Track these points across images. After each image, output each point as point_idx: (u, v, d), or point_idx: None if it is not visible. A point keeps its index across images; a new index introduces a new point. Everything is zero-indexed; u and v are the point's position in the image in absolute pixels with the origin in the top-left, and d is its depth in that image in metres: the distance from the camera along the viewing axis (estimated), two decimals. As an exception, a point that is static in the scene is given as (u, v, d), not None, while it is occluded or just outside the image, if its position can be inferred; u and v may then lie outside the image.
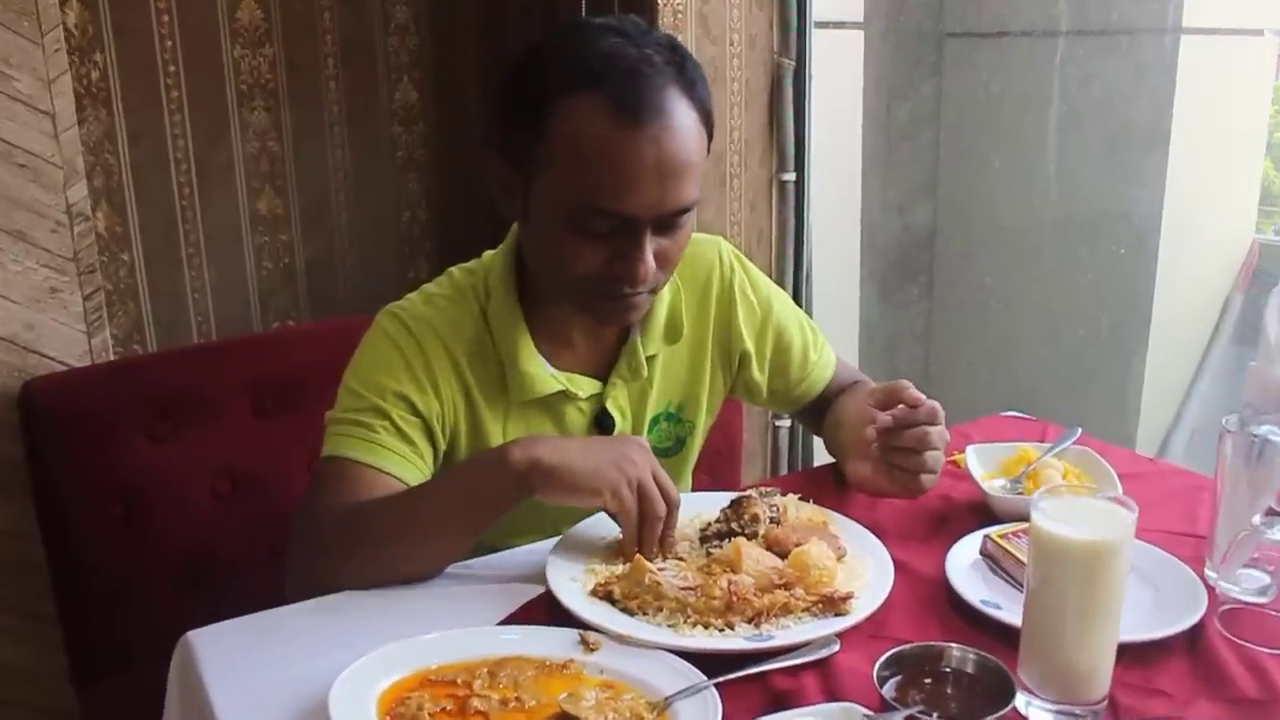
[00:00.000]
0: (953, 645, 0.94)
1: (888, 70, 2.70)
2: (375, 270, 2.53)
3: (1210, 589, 1.10)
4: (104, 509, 1.71)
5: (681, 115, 1.16)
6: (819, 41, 2.31)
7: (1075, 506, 0.91)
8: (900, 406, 1.29)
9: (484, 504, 1.14)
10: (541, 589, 1.11)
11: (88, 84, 2.10)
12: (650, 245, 1.18)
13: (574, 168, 1.16)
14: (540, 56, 1.21)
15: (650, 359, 1.36)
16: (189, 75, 2.23)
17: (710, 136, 1.23)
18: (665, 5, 2.15)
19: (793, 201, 2.40)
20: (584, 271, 1.20)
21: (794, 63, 2.30)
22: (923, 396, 1.29)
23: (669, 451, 1.44)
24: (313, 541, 1.19)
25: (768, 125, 2.35)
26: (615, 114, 1.14)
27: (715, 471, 2.03)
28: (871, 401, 1.31)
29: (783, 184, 2.39)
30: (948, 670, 0.93)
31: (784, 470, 2.58)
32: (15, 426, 1.72)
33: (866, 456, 1.30)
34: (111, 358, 1.91)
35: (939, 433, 1.27)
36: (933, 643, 0.95)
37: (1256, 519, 1.05)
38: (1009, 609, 1.04)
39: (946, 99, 2.69)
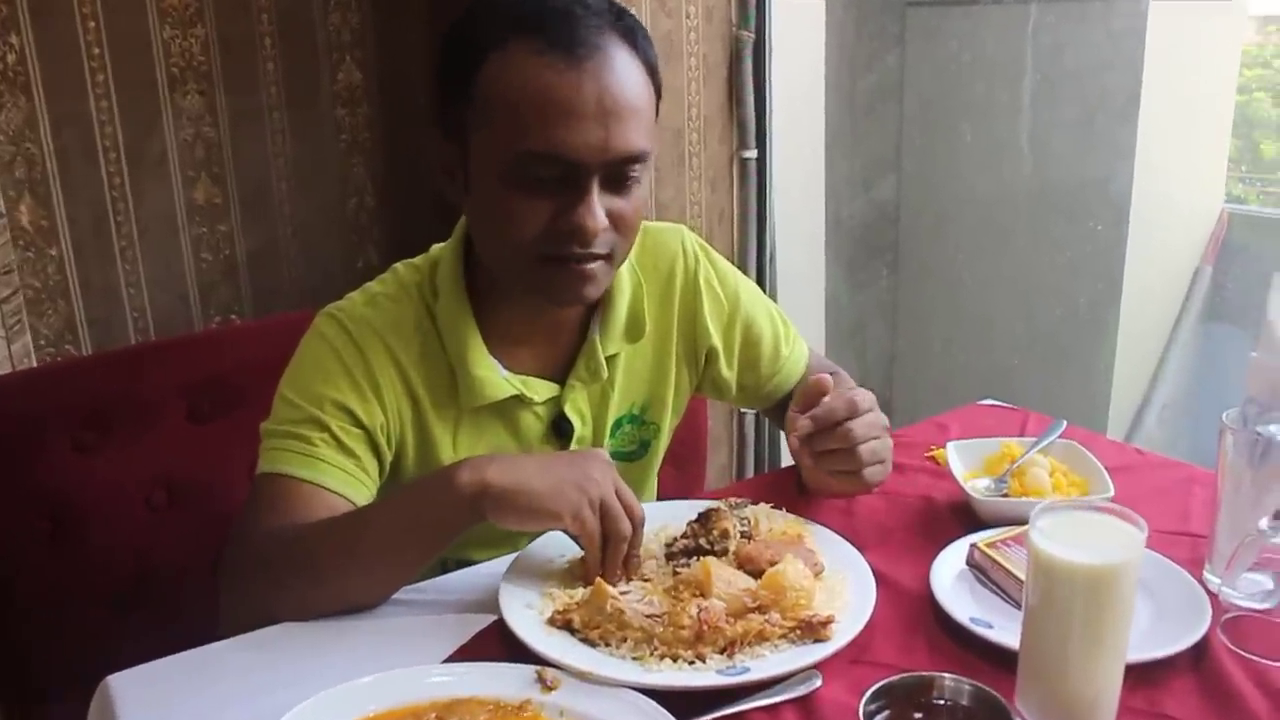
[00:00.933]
0: (945, 675, 0.86)
1: (850, 40, 2.61)
2: (321, 260, 2.42)
3: (1212, 595, 1.03)
4: (29, 525, 1.59)
5: (621, 58, 1.09)
6: (779, 12, 2.22)
7: (1077, 524, 0.83)
8: (823, 404, 1.18)
9: (430, 531, 1.05)
10: (495, 616, 1.02)
11: (4, 68, 1.98)
12: (599, 199, 1.09)
13: (508, 117, 1.07)
14: (469, 17, 1.13)
15: (611, 359, 1.27)
16: (115, 58, 2.10)
17: (658, 94, 1.15)
18: (618, -24, 2.04)
19: (754, 179, 2.32)
20: (530, 234, 1.10)
21: (753, 35, 2.21)
22: (829, 385, 1.18)
23: (632, 456, 1.35)
24: (248, 569, 1.10)
25: (727, 101, 2.27)
26: (547, 53, 1.06)
27: (680, 462, 1.95)
28: (796, 405, 1.21)
29: (744, 161, 2.31)
30: (940, 702, 0.85)
31: (751, 458, 2.50)
32: (-68, 440, 1.61)
33: (806, 464, 1.21)
34: (34, 363, 1.79)
35: (864, 424, 1.16)
36: (922, 673, 0.87)
37: (1263, 522, 0.98)
38: (1001, 627, 0.97)
39: (912, 69, 2.61)
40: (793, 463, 1.26)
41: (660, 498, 1.44)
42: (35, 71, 2.02)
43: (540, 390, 1.24)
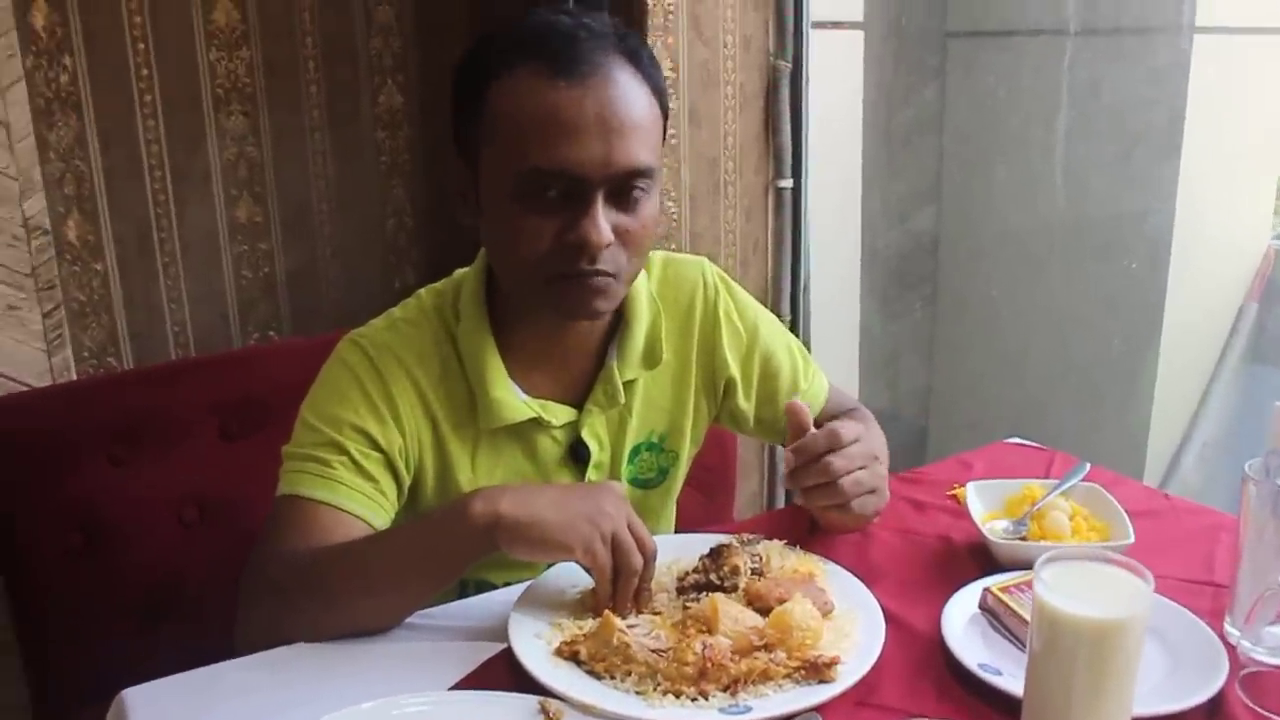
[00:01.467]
0: (947, 722, 0.85)
1: (889, 72, 2.60)
2: (360, 280, 2.45)
3: (1231, 648, 1.01)
4: (62, 537, 1.62)
5: (622, 75, 1.12)
6: (817, 42, 2.22)
7: (1083, 575, 0.82)
8: (804, 438, 1.16)
9: (443, 560, 1.06)
10: (504, 644, 1.02)
11: (57, 88, 2.02)
12: (604, 214, 1.11)
13: (513, 135, 1.10)
14: (478, 44, 1.16)
15: (629, 385, 1.28)
16: (163, 79, 2.14)
17: (665, 114, 1.17)
18: (655, 5, 2.06)
19: (790, 209, 2.31)
20: (538, 250, 1.12)
21: (790, 65, 2.21)
22: (807, 417, 1.16)
23: (651, 483, 1.35)
24: (264, 589, 1.11)
25: (763, 130, 2.26)
26: (550, 75, 1.09)
27: (710, 490, 1.94)
28: (787, 440, 1.19)
29: (779, 191, 2.31)
30: (942, 749, 0.85)
31: (781, 488, 2.49)
32: (-29, 450, 1.64)
33: (799, 501, 1.20)
34: (74, 376, 1.83)
35: (846, 456, 1.14)
36: (927, 718, 0.87)
37: (1283, 575, 0.96)
38: (1010, 674, 0.95)
39: (950, 102, 2.60)
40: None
41: (687, 526, 1.44)
42: (86, 91, 2.06)
43: (558, 414, 1.25)
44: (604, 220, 1.10)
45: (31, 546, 1.62)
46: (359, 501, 1.15)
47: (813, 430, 1.16)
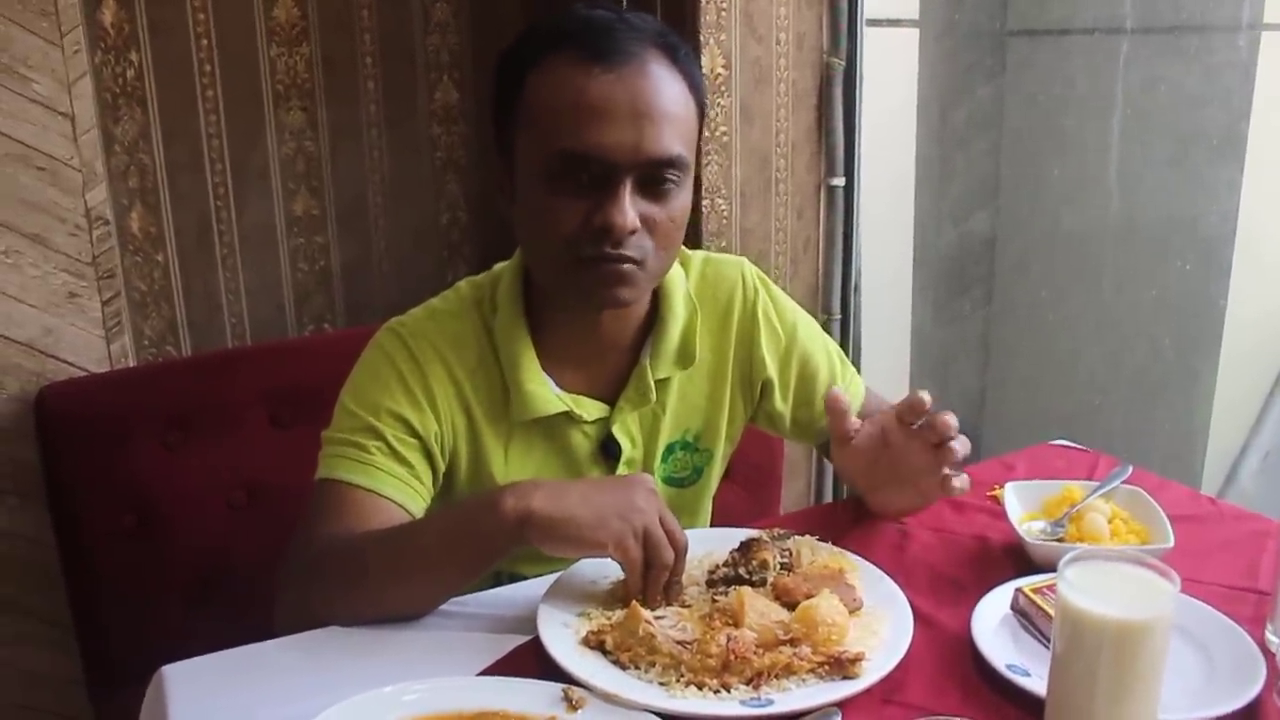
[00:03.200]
0: (970, 721, 0.84)
1: (944, 70, 2.57)
2: (413, 274, 2.48)
3: (1270, 655, 0.99)
4: (116, 518, 1.68)
5: (658, 66, 1.13)
6: (871, 40, 2.20)
7: (1108, 575, 0.81)
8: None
9: (474, 553, 1.07)
10: (534, 634, 1.03)
11: (123, 83, 2.07)
12: (633, 201, 1.12)
13: (546, 119, 1.12)
14: (520, 37, 1.19)
15: (662, 383, 1.28)
16: (225, 74, 2.19)
17: (701, 111, 1.18)
18: (709, 3, 2.06)
19: (841, 207, 2.30)
20: (565, 233, 1.13)
21: (844, 63, 2.20)
22: (848, 409, 1.22)
23: (685, 482, 1.35)
24: (300, 572, 1.14)
25: (816, 128, 2.25)
26: (584, 61, 1.11)
27: (753, 486, 1.94)
28: (832, 431, 1.23)
29: (831, 189, 2.29)
30: (963, 748, 0.84)
31: (829, 486, 2.48)
32: (33, 432, 1.70)
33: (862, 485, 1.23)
34: (132, 363, 1.87)
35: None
36: (952, 717, 0.86)
37: (1323, 584, 0.94)
38: (1038, 675, 0.94)
39: (1006, 102, 2.56)
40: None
41: (730, 523, 1.44)
42: (151, 86, 2.11)
43: (590, 409, 1.26)
44: (630, 206, 1.11)
45: (87, 527, 1.67)
46: (395, 487, 1.17)
47: (855, 419, 1.18)
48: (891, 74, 2.37)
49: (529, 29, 1.18)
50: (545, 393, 1.23)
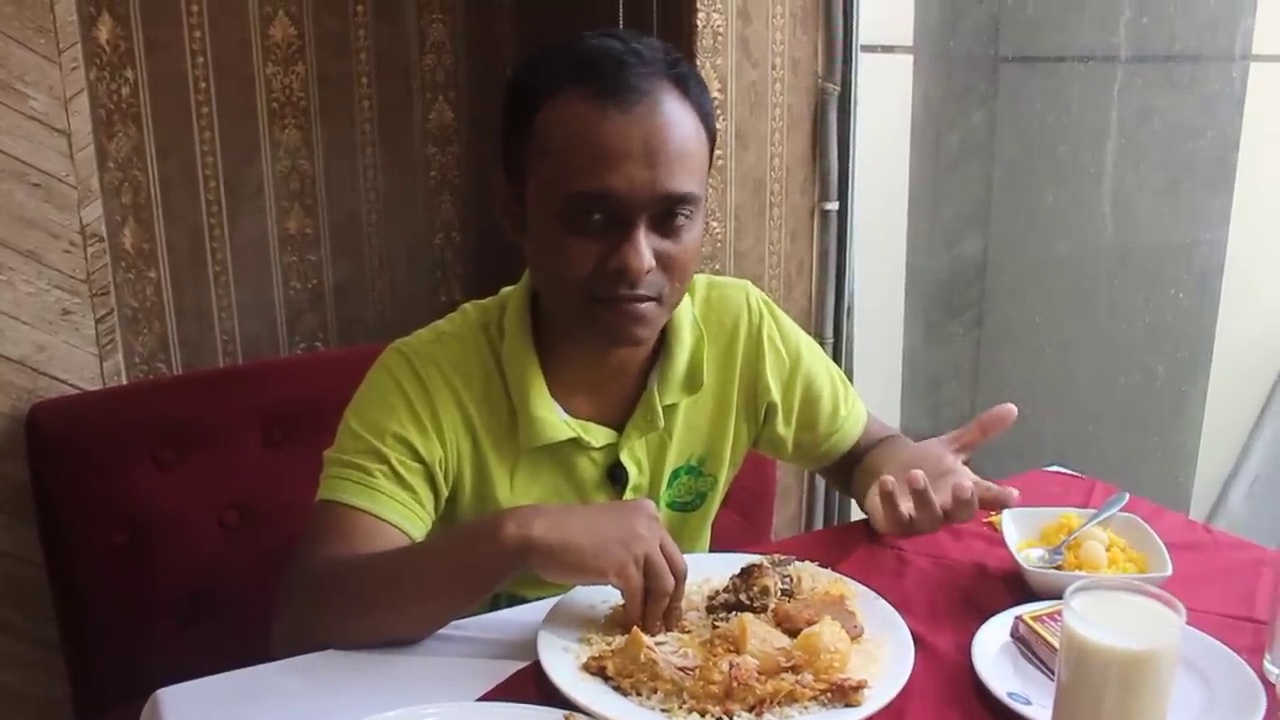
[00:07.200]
0: (973, 751, 0.84)
1: (937, 96, 2.59)
2: (406, 293, 2.48)
3: (1270, 686, 0.99)
4: (107, 537, 1.66)
5: (670, 103, 1.12)
6: (865, 66, 2.22)
7: (1113, 605, 0.81)
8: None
9: (473, 578, 1.07)
10: (535, 659, 1.03)
11: (118, 100, 2.07)
12: (646, 240, 1.12)
13: (560, 158, 1.12)
14: (530, 64, 1.18)
15: (669, 409, 1.28)
16: (220, 92, 2.19)
17: (711, 142, 1.18)
18: (705, 27, 2.07)
19: (835, 231, 2.31)
20: (581, 273, 1.13)
21: (839, 88, 2.21)
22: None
23: (689, 506, 1.35)
24: (301, 594, 1.13)
25: (810, 152, 2.27)
26: (598, 98, 1.10)
27: (747, 511, 1.94)
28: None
29: (825, 213, 2.31)
30: (967, 777, 0.84)
31: (820, 510, 2.48)
32: (23, 450, 1.68)
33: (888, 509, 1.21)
34: (125, 381, 1.86)
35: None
36: (951, 745, 0.86)
37: (1323, 613, 0.94)
38: (1040, 704, 0.94)
39: (999, 128, 2.58)
40: (856, 520, 1.26)
41: (724, 547, 1.44)
42: (146, 103, 2.11)
43: (598, 436, 1.26)
44: (646, 246, 1.11)
45: (77, 544, 1.65)
46: (397, 511, 1.17)
47: (907, 503, 1.19)
48: (885, 99, 2.39)
49: (539, 57, 1.18)
50: (554, 419, 1.22)
